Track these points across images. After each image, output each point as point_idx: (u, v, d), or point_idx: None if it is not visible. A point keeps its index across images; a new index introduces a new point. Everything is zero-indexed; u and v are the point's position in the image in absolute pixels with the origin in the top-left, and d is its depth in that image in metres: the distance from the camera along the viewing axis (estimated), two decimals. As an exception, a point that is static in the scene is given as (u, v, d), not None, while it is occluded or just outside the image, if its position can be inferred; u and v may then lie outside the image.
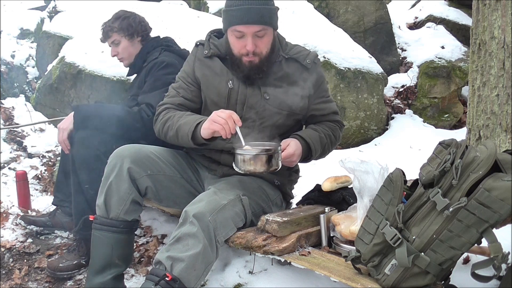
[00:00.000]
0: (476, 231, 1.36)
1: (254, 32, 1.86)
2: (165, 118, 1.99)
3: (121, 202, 1.88)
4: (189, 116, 1.94)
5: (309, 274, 1.86)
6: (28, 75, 5.02)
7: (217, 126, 1.76)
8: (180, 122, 1.92)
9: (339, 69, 4.11)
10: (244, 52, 1.89)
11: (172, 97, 2.07)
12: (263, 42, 1.90)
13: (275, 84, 1.97)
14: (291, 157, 1.92)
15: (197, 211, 1.68)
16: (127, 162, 1.87)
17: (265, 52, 1.91)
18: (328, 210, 1.89)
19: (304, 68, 2.01)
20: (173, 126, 1.94)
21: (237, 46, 1.90)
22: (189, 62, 2.08)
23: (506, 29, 2.13)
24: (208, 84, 2.01)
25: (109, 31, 2.71)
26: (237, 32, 1.87)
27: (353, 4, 5.16)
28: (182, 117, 1.95)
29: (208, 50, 2.02)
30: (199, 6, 5.50)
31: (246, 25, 1.84)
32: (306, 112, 2.06)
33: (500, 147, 2.16)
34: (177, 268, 1.62)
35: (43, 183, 3.29)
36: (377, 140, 4.34)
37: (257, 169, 1.79)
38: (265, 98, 1.95)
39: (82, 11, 4.53)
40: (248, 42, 1.86)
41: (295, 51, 2.03)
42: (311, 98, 2.04)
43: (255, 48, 1.88)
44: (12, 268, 2.44)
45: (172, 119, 1.97)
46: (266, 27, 1.88)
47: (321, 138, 2.03)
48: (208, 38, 2.07)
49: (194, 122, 1.87)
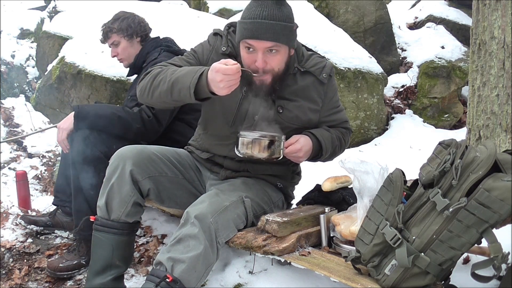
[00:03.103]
0: (476, 231, 1.36)
1: (265, 48, 1.76)
2: (155, 72, 1.83)
3: (122, 204, 1.86)
4: (187, 68, 1.77)
5: (309, 274, 1.86)
6: (28, 75, 5.02)
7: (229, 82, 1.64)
8: (177, 75, 1.75)
9: (339, 69, 4.11)
10: (254, 68, 1.79)
11: (173, 60, 1.94)
12: (274, 59, 1.79)
13: (289, 98, 1.92)
14: (297, 152, 1.87)
15: (199, 212, 1.68)
16: (129, 164, 1.85)
17: (277, 70, 1.82)
18: (328, 210, 1.89)
19: (319, 82, 1.96)
20: (167, 78, 1.77)
21: (247, 60, 1.81)
22: (205, 50, 1.96)
23: (506, 29, 2.13)
24: None
25: (108, 32, 2.72)
26: (248, 45, 1.78)
27: (353, 4, 5.16)
28: (177, 70, 1.78)
29: (226, 47, 1.92)
30: (199, 6, 5.50)
31: (257, 40, 1.75)
32: (316, 125, 2.01)
33: (500, 147, 2.16)
34: (178, 269, 1.62)
35: (43, 183, 3.30)
36: (377, 140, 4.34)
37: (255, 153, 1.77)
38: (278, 112, 1.91)
39: (82, 11, 4.53)
40: (258, 58, 1.77)
41: (311, 63, 1.96)
42: (323, 110, 2.00)
43: (265, 64, 1.78)
44: (12, 268, 2.44)
45: (165, 72, 1.80)
46: (278, 45, 1.77)
47: (333, 139, 2.00)
48: (226, 33, 1.96)
49: (196, 73, 1.70)
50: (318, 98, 1.98)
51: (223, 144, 1.98)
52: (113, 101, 3.64)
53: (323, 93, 1.98)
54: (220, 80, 1.64)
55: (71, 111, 2.39)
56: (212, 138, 2.03)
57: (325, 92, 1.99)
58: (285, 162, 1.98)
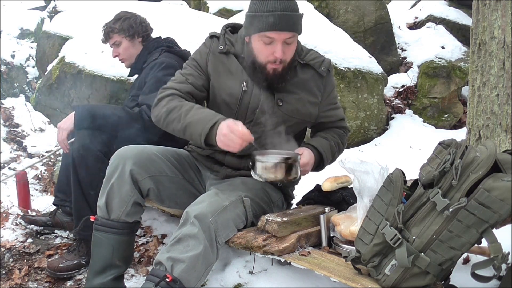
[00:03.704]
0: (476, 231, 1.36)
1: (284, 39, 1.81)
2: (171, 107, 1.87)
3: (122, 203, 1.86)
4: (201, 113, 1.81)
5: (309, 274, 1.86)
6: (28, 75, 5.02)
7: (232, 148, 1.73)
8: (191, 119, 1.80)
9: (339, 69, 4.11)
10: (271, 59, 1.84)
11: (180, 82, 1.96)
12: (290, 49, 1.86)
13: (289, 90, 1.95)
14: (305, 166, 1.93)
15: (199, 212, 1.68)
16: (129, 164, 1.86)
17: (289, 60, 1.89)
18: (328, 210, 1.89)
19: (318, 75, 2.00)
20: (181, 119, 1.82)
21: (265, 52, 1.84)
22: (202, 54, 1.99)
23: (506, 29, 2.14)
24: (220, 82, 1.96)
25: (110, 32, 2.72)
26: (267, 38, 1.81)
27: (353, 4, 5.16)
28: (191, 111, 1.82)
29: (223, 45, 1.95)
30: (199, 6, 5.50)
31: (279, 31, 1.79)
32: (315, 119, 2.06)
33: (500, 147, 2.16)
34: (178, 269, 1.62)
35: (43, 183, 3.30)
36: (377, 140, 4.33)
37: (278, 177, 1.77)
38: (278, 105, 1.93)
39: (82, 11, 4.53)
40: (278, 49, 1.81)
41: (311, 57, 2.00)
42: (322, 105, 2.04)
43: (283, 55, 1.83)
44: (12, 268, 2.44)
45: (179, 110, 1.84)
46: (295, 34, 1.85)
47: (331, 146, 2.05)
48: (223, 32, 2.00)
49: (208, 123, 1.76)
50: (318, 91, 2.01)
51: None
52: (113, 101, 3.64)
53: (322, 87, 2.02)
54: (224, 134, 1.71)
55: (71, 111, 2.39)
56: None
57: (324, 86, 2.02)
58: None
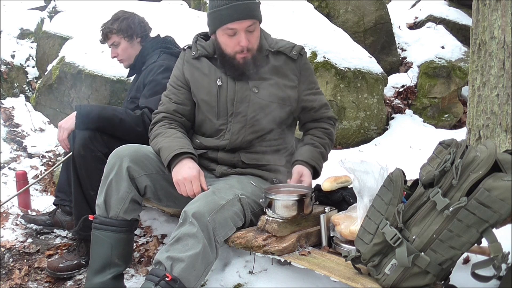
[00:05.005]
0: (476, 231, 1.36)
1: (246, 28, 1.91)
2: (156, 133, 2.05)
3: (120, 201, 1.89)
4: (172, 142, 1.95)
5: (309, 274, 1.86)
6: (28, 75, 5.01)
7: (180, 191, 1.87)
8: (163, 144, 1.95)
9: (339, 69, 4.11)
10: (238, 49, 1.94)
11: (165, 104, 2.13)
12: (254, 37, 1.96)
13: (263, 77, 2.02)
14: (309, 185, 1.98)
15: (196, 211, 1.69)
16: (126, 161, 1.89)
17: (256, 46, 1.98)
18: (328, 210, 1.88)
19: (290, 59, 2.07)
20: (158, 144, 1.98)
21: (230, 44, 1.95)
22: (178, 66, 2.14)
23: (506, 29, 2.13)
24: (197, 85, 2.06)
25: (108, 33, 2.71)
26: (230, 30, 1.92)
27: (353, 4, 5.16)
28: (167, 138, 1.98)
29: (195, 51, 2.08)
30: (199, 6, 5.50)
31: (238, 21, 1.90)
32: (297, 103, 2.10)
33: (500, 147, 2.16)
34: (177, 268, 1.62)
35: (43, 183, 3.29)
36: (377, 140, 4.33)
37: (295, 213, 1.77)
38: (254, 92, 2.00)
39: (82, 11, 4.53)
40: (242, 38, 1.92)
41: (281, 43, 2.09)
42: (300, 88, 2.09)
43: (248, 43, 1.93)
44: (12, 268, 2.44)
45: (160, 136, 2.01)
46: (255, 21, 1.94)
47: (322, 153, 2.11)
48: (195, 40, 2.13)
49: (171, 153, 1.89)
50: (293, 75, 2.07)
51: (215, 138, 2.06)
52: (113, 101, 3.64)
53: (297, 70, 2.08)
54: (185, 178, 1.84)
55: (71, 111, 2.39)
56: (205, 136, 2.10)
57: (299, 70, 2.08)
58: (280, 152, 2.08)
